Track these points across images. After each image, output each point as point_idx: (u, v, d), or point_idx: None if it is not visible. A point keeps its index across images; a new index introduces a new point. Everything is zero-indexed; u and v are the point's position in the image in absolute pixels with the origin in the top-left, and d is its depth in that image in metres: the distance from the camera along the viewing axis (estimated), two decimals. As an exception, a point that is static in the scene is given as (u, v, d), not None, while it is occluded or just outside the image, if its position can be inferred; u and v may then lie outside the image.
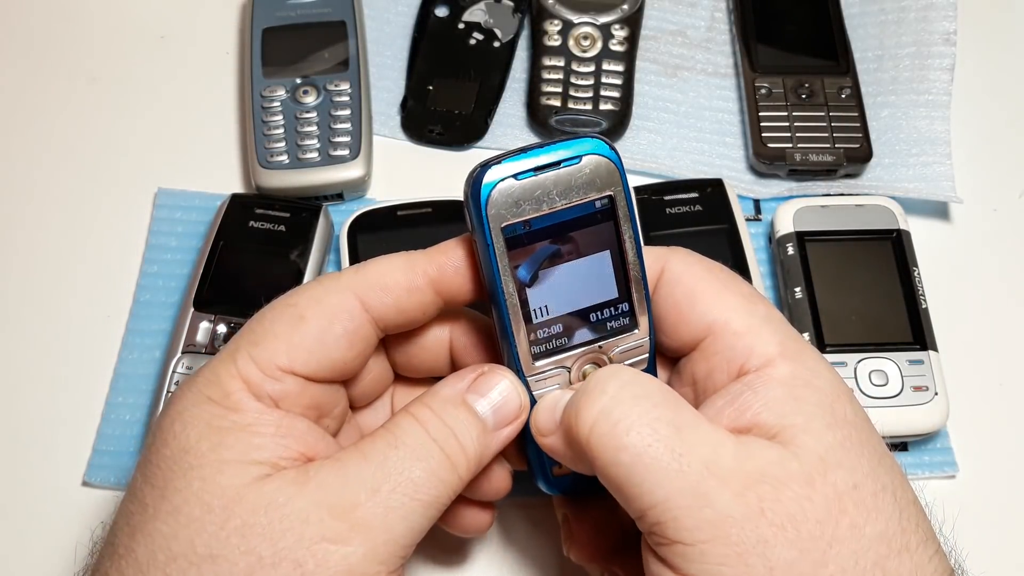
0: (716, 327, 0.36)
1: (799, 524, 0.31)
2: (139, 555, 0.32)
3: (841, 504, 0.32)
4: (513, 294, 0.35)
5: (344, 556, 0.31)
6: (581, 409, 0.33)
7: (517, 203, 0.34)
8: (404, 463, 0.33)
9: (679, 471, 0.31)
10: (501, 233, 0.34)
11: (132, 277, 0.56)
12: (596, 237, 0.35)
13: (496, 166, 0.34)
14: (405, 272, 0.36)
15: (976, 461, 0.52)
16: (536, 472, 0.40)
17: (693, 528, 0.31)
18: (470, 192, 0.34)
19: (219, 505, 0.32)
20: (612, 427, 0.32)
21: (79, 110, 0.62)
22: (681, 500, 0.31)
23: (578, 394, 0.34)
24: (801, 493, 0.31)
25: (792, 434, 0.33)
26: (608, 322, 0.37)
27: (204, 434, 0.33)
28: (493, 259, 0.34)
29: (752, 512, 0.31)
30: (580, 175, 0.34)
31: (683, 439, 0.32)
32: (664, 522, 0.31)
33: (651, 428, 0.32)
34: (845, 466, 0.32)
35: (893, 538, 0.32)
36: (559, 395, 0.36)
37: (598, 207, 0.35)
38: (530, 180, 0.34)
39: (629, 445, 0.32)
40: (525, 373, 0.36)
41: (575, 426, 0.33)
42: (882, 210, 0.55)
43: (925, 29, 0.62)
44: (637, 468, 0.32)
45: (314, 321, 0.35)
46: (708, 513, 0.31)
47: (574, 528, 0.41)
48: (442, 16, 0.65)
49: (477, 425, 0.35)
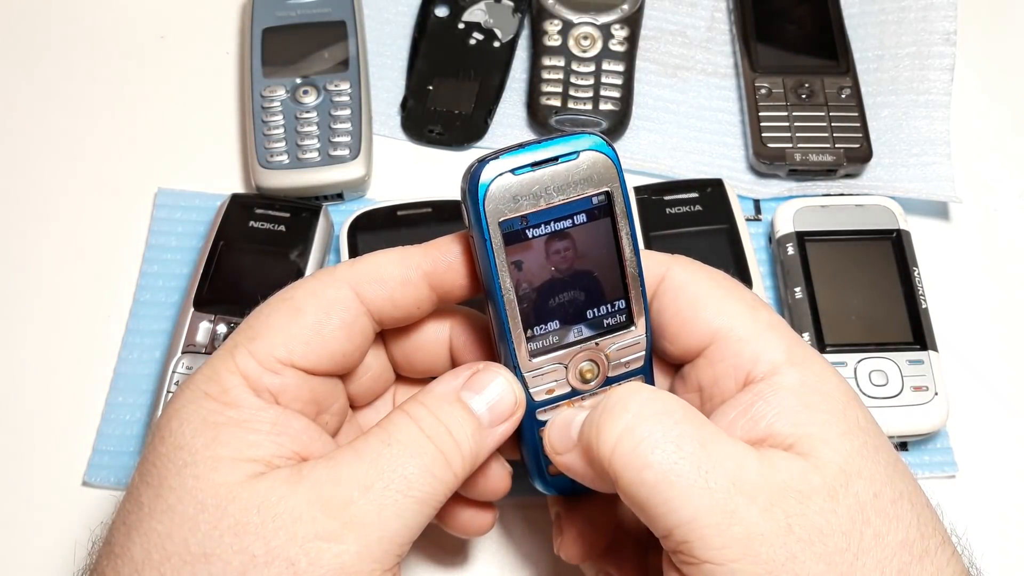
0: (721, 333, 0.36)
1: (826, 538, 0.31)
2: (135, 554, 0.32)
3: (864, 515, 0.32)
4: (510, 290, 0.35)
5: (337, 554, 0.31)
6: (603, 428, 0.33)
7: (514, 198, 0.34)
8: (398, 460, 0.33)
9: (706, 488, 0.31)
10: (498, 228, 0.34)
11: (132, 277, 0.56)
12: (593, 233, 0.35)
13: (494, 161, 0.34)
14: (399, 265, 0.36)
15: (976, 461, 0.52)
16: (532, 471, 0.40)
17: (722, 547, 0.31)
18: (467, 187, 0.34)
19: (212, 503, 0.32)
20: (636, 445, 0.32)
21: (79, 110, 0.62)
22: (709, 519, 0.31)
23: (598, 412, 0.34)
24: (826, 506, 0.31)
25: (810, 444, 0.33)
26: (605, 319, 0.37)
27: (199, 430, 0.33)
28: (490, 254, 0.34)
29: (780, 528, 0.31)
30: (577, 171, 0.34)
31: (708, 455, 0.32)
32: (692, 541, 0.31)
33: (676, 445, 0.32)
34: (865, 475, 0.32)
35: (914, 544, 0.32)
36: (572, 413, 0.36)
37: (595, 203, 0.35)
38: (528, 175, 0.34)
39: (654, 463, 0.32)
40: (522, 370, 0.36)
41: (596, 445, 0.33)
42: (882, 210, 0.55)
43: (925, 29, 0.62)
44: (663, 486, 0.31)
45: (311, 313, 0.35)
46: (737, 531, 0.31)
47: (565, 526, 0.41)
48: (442, 16, 0.65)
49: (472, 422, 0.35)
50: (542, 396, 0.37)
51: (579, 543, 0.40)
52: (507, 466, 0.39)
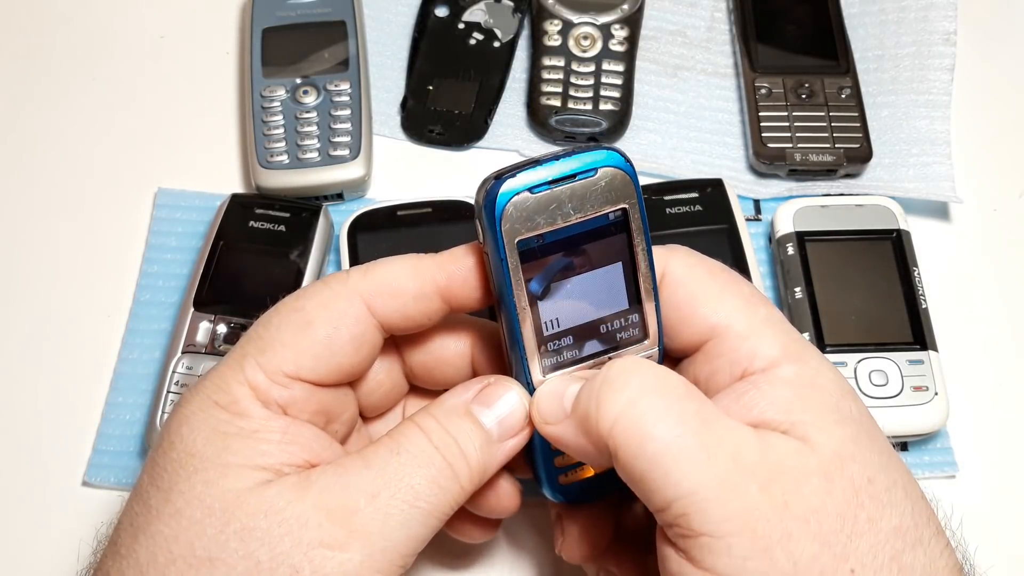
0: (719, 330, 0.36)
1: (821, 518, 0.31)
2: (140, 556, 0.32)
3: (858, 498, 0.32)
4: (525, 308, 0.34)
5: (341, 562, 0.31)
6: (603, 400, 0.33)
7: (531, 217, 0.33)
8: (405, 469, 0.33)
9: (707, 462, 0.31)
10: (515, 248, 0.33)
11: (132, 277, 0.56)
12: (608, 249, 0.35)
13: (510, 178, 0.33)
14: (413, 279, 0.36)
15: (976, 461, 0.52)
16: (543, 480, 0.39)
17: (721, 520, 0.31)
18: (483, 205, 0.33)
19: (220, 508, 0.32)
20: (639, 418, 0.32)
21: (79, 110, 0.62)
22: (709, 492, 0.31)
23: (597, 384, 0.33)
24: (821, 487, 0.31)
25: (804, 431, 0.33)
26: (618, 333, 0.36)
27: (210, 438, 0.33)
28: (506, 273, 0.34)
29: (777, 505, 0.31)
30: (595, 188, 0.34)
31: (710, 431, 0.32)
32: (690, 514, 0.31)
33: (678, 419, 0.32)
34: (859, 461, 0.32)
35: (907, 532, 0.32)
36: (562, 383, 0.35)
37: (612, 219, 0.34)
38: (545, 194, 0.33)
39: (657, 436, 0.31)
40: (535, 385, 0.36)
41: (596, 417, 0.33)
42: (882, 210, 0.55)
43: (925, 29, 0.62)
44: (664, 459, 0.31)
45: (321, 327, 0.35)
46: (736, 505, 0.31)
47: (566, 526, 0.41)
48: (442, 16, 0.65)
49: (481, 435, 0.35)
50: None
51: (580, 544, 0.40)
52: (516, 483, 0.39)
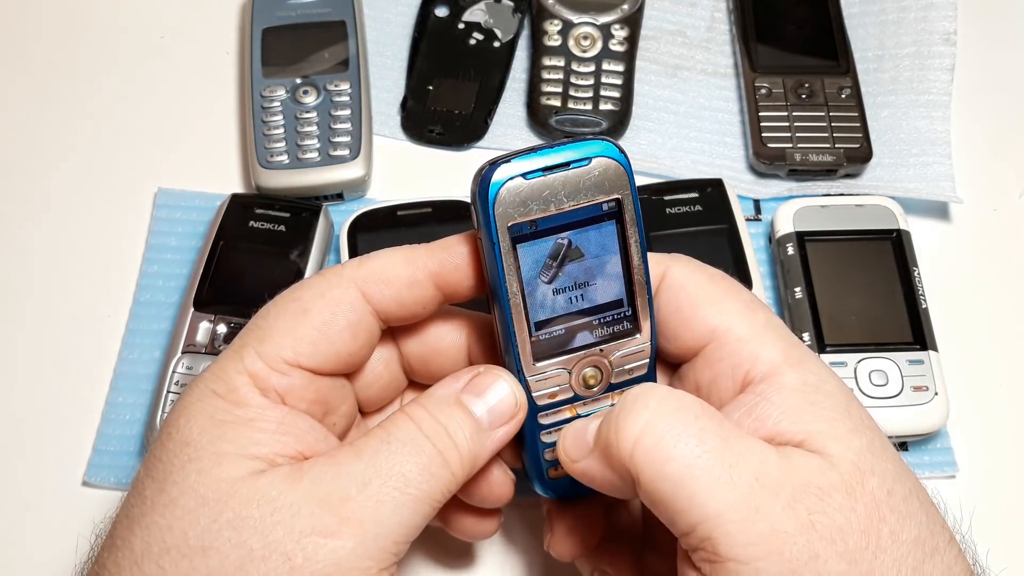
0: (719, 333, 0.36)
1: (847, 536, 0.31)
2: (135, 546, 0.32)
3: (880, 512, 0.31)
4: (517, 294, 0.35)
5: (333, 550, 0.32)
6: (622, 425, 0.33)
7: (524, 203, 0.34)
8: (395, 457, 0.33)
9: (731, 483, 0.31)
10: (507, 232, 0.34)
11: (132, 277, 0.56)
12: (602, 239, 0.35)
13: (505, 164, 0.33)
14: (406, 266, 0.36)
15: (976, 461, 0.52)
16: (532, 474, 0.39)
17: (747, 544, 0.30)
18: (477, 189, 0.34)
19: (213, 498, 0.32)
20: (658, 440, 0.32)
21: (79, 110, 0.62)
22: (734, 514, 0.30)
23: (616, 412, 0.33)
24: (845, 504, 0.31)
25: (821, 441, 0.33)
26: (610, 325, 0.36)
27: (206, 427, 0.33)
28: (498, 258, 0.34)
29: (803, 526, 0.30)
30: (589, 177, 0.34)
31: (731, 450, 0.31)
32: (715, 538, 0.30)
33: (698, 440, 0.32)
34: (878, 472, 0.32)
35: (925, 541, 0.32)
36: (584, 422, 0.36)
37: (605, 210, 0.35)
38: (538, 180, 0.34)
39: (678, 456, 0.31)
40: (525, 373, 0.36)
41: (616, 443, 0.33)
42: (882, 210, 0.55)
43: (925, 29, 0.62)
44: (686, 481, 0.31)
45: (317, 314, 0.35)
46: (762, 528, 0.30)
47: (555, 523, 0.41)
48: (442, 16, 0.65)
49: (470, 423, 0.35)
50: (544, 400, 0.37)
51: (569, 540, 0.40)
52: (509, 473, 0.39)
